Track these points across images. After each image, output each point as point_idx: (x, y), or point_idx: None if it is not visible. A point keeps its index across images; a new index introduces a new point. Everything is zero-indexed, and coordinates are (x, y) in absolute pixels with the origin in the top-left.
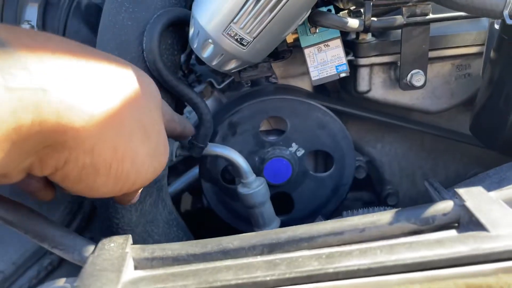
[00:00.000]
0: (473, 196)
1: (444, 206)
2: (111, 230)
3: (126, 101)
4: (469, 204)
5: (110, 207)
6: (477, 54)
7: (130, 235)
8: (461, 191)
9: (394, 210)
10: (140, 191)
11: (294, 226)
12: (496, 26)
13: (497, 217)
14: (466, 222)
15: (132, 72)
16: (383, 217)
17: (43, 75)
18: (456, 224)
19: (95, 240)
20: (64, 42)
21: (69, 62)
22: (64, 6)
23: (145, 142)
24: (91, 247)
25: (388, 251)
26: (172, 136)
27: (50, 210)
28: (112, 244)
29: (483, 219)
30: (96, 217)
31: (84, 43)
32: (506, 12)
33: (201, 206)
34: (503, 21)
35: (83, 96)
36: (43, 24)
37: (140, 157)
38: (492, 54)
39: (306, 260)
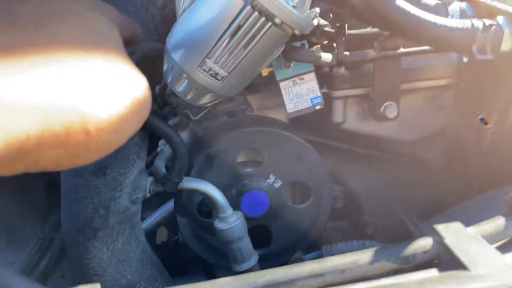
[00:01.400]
0: (452, 232)
1: (424, 243)
2: (82, 270)
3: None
4: (448, 241)
5: (81, 246)
6: (447, 86)
7: (99, 284)
8: (440, 227)
9: (374, 249)
10: None
11: (272, 269)
12: (465, 60)
13: (477, 255)
14: (446, 260)
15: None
16: (364, 256)
17: None
18: (437, 261)
19: (66, 279)
20: None
21: None
22: None
23: (120, 102)
24: None
25: None
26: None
27: (21, 246)
28: None
29: (463, 258)
30: (66, 256)
31: None
32: (475, 47)
33: (177, 239)
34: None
35: None
36: None
37: (118, 122)
38: (462, 86)
39: None
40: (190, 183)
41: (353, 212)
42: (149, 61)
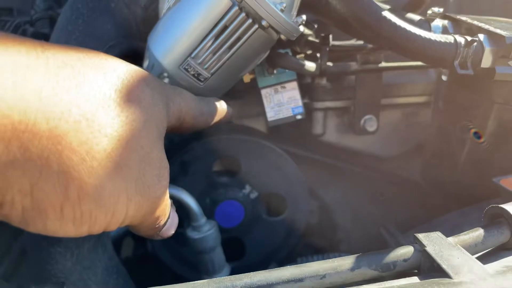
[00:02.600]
0: (433, 241)
1: (405, 251)
2: (42, 277)
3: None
4: (429, 249)
5: (43, 251)
6: (426, 104)
7: (64, 283)
8: (420, 236)
9: (354, 256)
10: (164, 220)
11: (251, 273)
12: (444, 78)
13: (458, 263)
14: (427, 268)
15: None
16: (344, 262)
17: None
18: (417, 270)
19: None
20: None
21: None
22: (9, 32)
23: (118, 173)
24: None
25: None
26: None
27: None
28: None
29: (444, 265)
30: (25, 263)
31: None
32: (456, 62)
33: (143, 251)
34: (452, 71)
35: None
36: None
37: (109, 192)
38: (440, 104)
39: None
40: None
41: (327, 228)
42: (128, 60)
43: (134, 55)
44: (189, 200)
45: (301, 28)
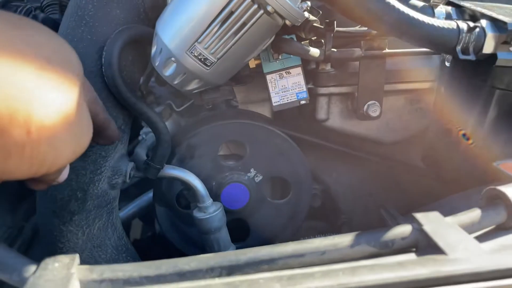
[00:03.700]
0: (430, 221)
1: (403, 230)
2: (54, 255)
3: (41, 75)
4: (426, 228)
5: (55, 230)
6: (428, 90)
7: (78, 255)
8: (419, 215)
9: (354, 233)
10: (65, 169)
11: (254, 248)
12: (447, 64)
13: (454, 240)
14: (424, 245)
15: (43, 34)
16: (344, 239)
17: None
18: (414, 249)
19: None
20: None
21: None
22: None
23: (65, 122)
24: (32, 267)
25: (350, 273)
26: (93, 121)
27: None
28: (56, 264)
29: (441, 243)
30: (37, 244)
31: None
32: (458, 48)
33: (152, 234)
34: (454, 57)
35: None
36: None
37: (59, 137)
38: (442, 89)
39: (268, 282)
40: (171, 171)
41: (330, 211)
42: (137, 45)
43: (143, 41)
44: (196, 182)
45: (306, 14)
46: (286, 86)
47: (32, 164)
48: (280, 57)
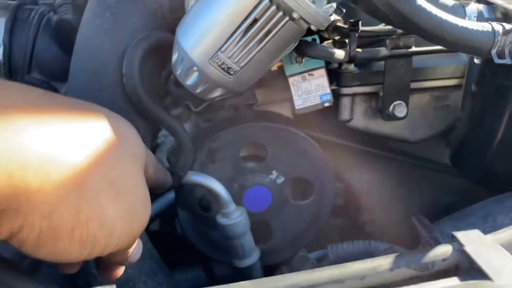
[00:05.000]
0: (471, 241)
1: (443, 251)
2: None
3: (91, 155)
4: (468, 249)
5: None
6: (455, 87)
7: (115, 286)
8: (459, 234)
9: (393, 255)
10: (134, 246)
11: (291, 274)
12: (476, 61)
13: (499, 264)
14: (466, 268)
15: (104, 120)
16: (383, 262)
17: None
18: (455, 271)
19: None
20: (24, 90)
21: (24, 115)
22: (34, 22)
23: (117, 200)
24: None
25: None
26: (153, 188)
27: None
28: None
29: (485, 267)
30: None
31: (54, 61)
32: (494, 51)
33: (173, 231)
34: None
35: (39, 152)
36: (10, 41)
37: (110, 218)
38: (473, 87)
39: None
40: (194, 177)
41: (352, 209)
42: (157, 52)
43: (163, 48)
44: (218, 188)
45: (332, 16)
46: (309, 89)
47: (83, 246)
48: (303, 60)
